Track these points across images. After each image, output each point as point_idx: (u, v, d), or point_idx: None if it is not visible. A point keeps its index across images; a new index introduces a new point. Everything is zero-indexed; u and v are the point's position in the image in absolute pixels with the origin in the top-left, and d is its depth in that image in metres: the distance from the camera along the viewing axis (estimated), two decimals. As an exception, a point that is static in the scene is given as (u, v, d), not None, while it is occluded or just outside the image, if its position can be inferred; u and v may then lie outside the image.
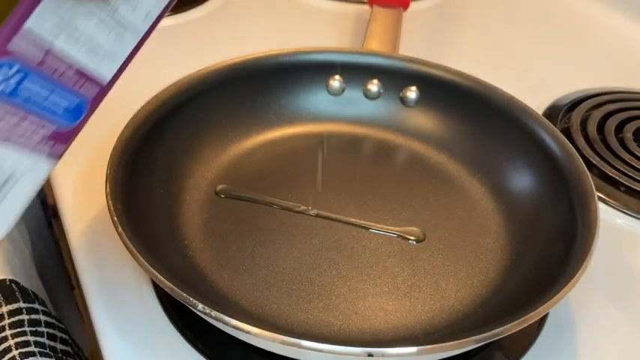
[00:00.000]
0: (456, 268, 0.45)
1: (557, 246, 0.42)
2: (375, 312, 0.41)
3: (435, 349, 0.33)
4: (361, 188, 0.50)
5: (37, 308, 0.44)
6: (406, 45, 0.48)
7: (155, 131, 0.47)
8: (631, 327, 0.43)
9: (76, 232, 0.46)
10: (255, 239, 0.46)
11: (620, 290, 0.46)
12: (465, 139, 0.53)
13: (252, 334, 0.33)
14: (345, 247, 0.46)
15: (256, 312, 0.41)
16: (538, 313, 0.35)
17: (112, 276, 0.44)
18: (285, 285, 0.43)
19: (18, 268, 0.47)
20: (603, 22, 0.79)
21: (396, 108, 0.55)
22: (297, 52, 0.54)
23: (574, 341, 0.42)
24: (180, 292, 0.35)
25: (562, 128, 0.59)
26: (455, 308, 0.42)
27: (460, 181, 0.51)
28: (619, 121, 0.60)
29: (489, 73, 0.54)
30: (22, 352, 0.41)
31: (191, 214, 0.47)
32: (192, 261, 0.44)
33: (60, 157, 0.35)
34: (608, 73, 0.70)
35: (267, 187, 0.50)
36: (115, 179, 0.42)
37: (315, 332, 0.40)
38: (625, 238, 0.50)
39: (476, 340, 0.34)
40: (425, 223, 0.48)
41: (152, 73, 0.50)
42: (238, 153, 0.52)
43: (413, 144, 0.54)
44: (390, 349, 0.33)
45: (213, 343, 0.40)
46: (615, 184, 0.54)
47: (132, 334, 0.40)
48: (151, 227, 0.42)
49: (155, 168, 0.47)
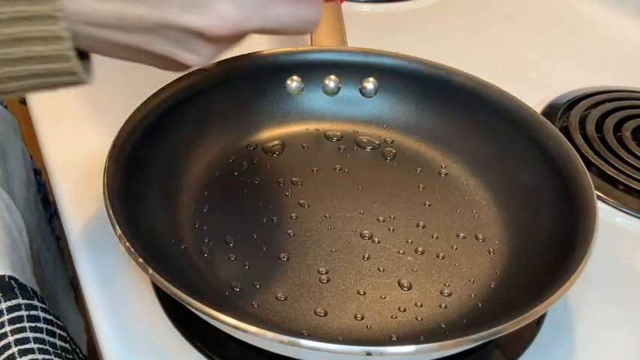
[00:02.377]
0: (454, 267, 0.45)
1: (555, 245, 0.42)
2: (374, 312, 0.41)
3: (434, 348, 0.33)
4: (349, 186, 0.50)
5: (35, 305, 0.44)
6: (406, 44, 0.48)
7: (154, 130, 0.47)
8: (629, 325, 0.43)
9: (76, 231, 0.46)
10: (256, 239, 0.46)
11: (618, 289, 0.46)
12: (463, 137, 0.53)
13: (251, 333, 0.33)
14: (343, 244, 0.46)
15: (255, 311, 0.41)
16: (536, 312, 0.35)
17: (111, 274, 0.44)
18: (285, 285, 0.43)
19: (16, 263, 0.47)
20: (602, 20, 0.79)
21: (357, 99, 0.55)
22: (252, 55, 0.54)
23: (572, 340, 0.42)
24: (179, 292, 0.35)
25: (561, 127, 0.60)
26: (453, 307, 0.42)
27: (458, 180, 0.51)
28: (618, 119, 0.60)
29: (488, 72, 0.54)
30: (22, 349, 0.41)
31: (190, 214, 0.47)
32: (191, 260, 0.44)
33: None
34: (607, 72, 0.70)
35: (265, 187, 0.50)
36: (114, 178, 0.41)
37: (314, 331, 0.40)
38: (624, 236, 0.50)
39: (474, 339, 0.34)
40: (423, 222, 0.48)
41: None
42: (237, 153, 0.52)
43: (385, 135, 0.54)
44: (389, 347, 0.33)
45: (213, 342, 0.40)
46: (614, 182, 0.54)
47: (131, 333, 0.40)
48: (149, 226, 0.42)
49: (154, 167, 0.46)
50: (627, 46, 0.74)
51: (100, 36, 0.34)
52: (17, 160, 0.62)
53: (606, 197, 0.53)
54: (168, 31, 0.34)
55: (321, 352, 0.33)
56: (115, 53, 0.36)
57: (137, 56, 0.36)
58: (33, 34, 0.31)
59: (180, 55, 0.35)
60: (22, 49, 0.32)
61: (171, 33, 0.34)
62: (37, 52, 0.32)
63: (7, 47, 0.31)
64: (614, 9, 0.79)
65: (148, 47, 0.34)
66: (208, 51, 0.35)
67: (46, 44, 0.32)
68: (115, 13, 0.33)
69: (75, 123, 0.56)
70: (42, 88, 0.35)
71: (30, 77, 0.33)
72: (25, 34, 0.31)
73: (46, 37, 0.31)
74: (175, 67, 0.37)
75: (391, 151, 0.54)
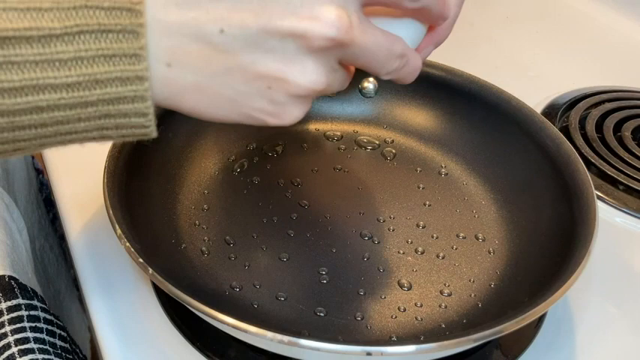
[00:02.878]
0: (454, 267, 0.45)
1: (555, 245, 0.42)
2: (374, 312, 0.41)
3: (434, 348, 0.33)
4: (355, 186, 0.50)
5: (36, 305, 0.44)
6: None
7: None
8: (629, 325, 0.43)
9: (76, 231, 0.46)
10: (256, 239, 0.46)
11: (618, 288, 0.46)
12: (463, 137, 0.53)
13: (251, 333, 0.33)
14: (343, 244, 0.46)
15: (255, 311, 0.41)
16: (536, 312, 0.35)
17: (111, 274, 0.44)
18: (285, 285, 0.43)
19: (16, 263, 0.47)
20: (603, 20, 0.79)
21: (357, 99, 0.55)
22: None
23: (572, 339, 0.42)
24: (179, 292, 0.35)
25: (561, 127, 0.60)
26: (453, 307, 0.42)
27: (458, 180, 0.51)
28: (618, 119, 0.60)
29: (488, 72, 0.54)
30: (22, 349, 0.41)
31: (190, 213, 0.47)
32: (191, 260, 0.44)
33: None
34: (607, 72, 0.70)
35: (265, 187, 0.50)
36: (114, 178, 0.41)
37: (314, 331, 0.40)
38: (623, 236, 0.50)
39: (474, 339, 0.34)
40: (423, 222, 0.48)
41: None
42: (237, 153, 0.52)
43: (401, 138, 0.54)
44: (389, 347, 0.33)
45: (212, 341, 0.40)
46: (614, 182, 0.54)
47: (131, 333, 0.40)
48: (149, 226, 0.42)
49: (154, 167, 0.46)
50: (627, 46, 0.74)
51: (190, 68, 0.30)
52: (18, 160, 0.62)
53: (606, 197, 0.53)
54: (272, 38, 0.30)
55: (321, 352, 0.33)
56: (202, 101, 0.32)
57: (231, 105, 0.32)
58: (113, 75, 0.29)
59: (288, 74, 0.31)
60: (99, 91, 0.29)
61: (274, 42, 0.30)
62: (114, 93, 0.29)
63: (84, 90, 0.29)
64: (615, 9, 0.79)
65: (252, 68, 0.31)
66: (310, 67, 0.31)
67: (125, 85, 0.29)
68: (218, 17, 0.29)
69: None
70: (107, 130, 0.31)
71: (98, 118, 0.30)
72: (106, 76, 0.29)
73: (128, 78, 0.29)
74: (277, 109, 0.32)
75: (391, 151, 0.54)
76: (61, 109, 0.29)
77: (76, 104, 0.29)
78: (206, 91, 0.31)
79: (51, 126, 0.30)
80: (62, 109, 0.29)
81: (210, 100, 0.32)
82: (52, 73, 0.28)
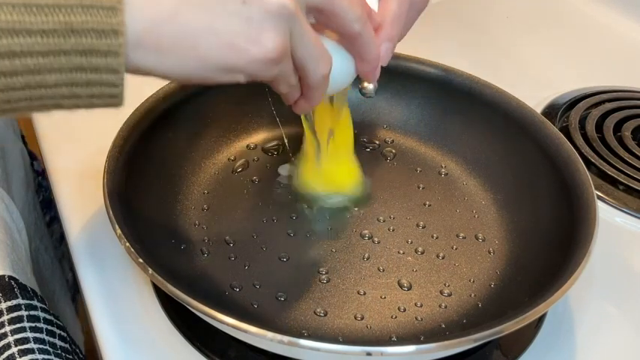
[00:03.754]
0: (454, 267, 0.45)
1: (555, 245, 0.42)
2: (374, 312, 0.41)
3: (434, 348, 0.33)
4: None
5: (35, 305, 0.44)
6: (406, 44, 0.48)
7: (153, 130, 0.47)
8: (629, 325, 0.43)
9: (76, 232, 0.46)
10: (256, 239, 0.46)
11: (618, 288, 0.46)
12: (463, 137, 0.53)
13: (251, 333, 0.33)
14: (343, 244, 0.46)
15: (255, 311, 0.41)
16: (536, 312, 0.35)
17: (111, 275, 0.44)
18: (285, 285, 0.43)
19: (16, 263, 0.47)
20: (603, 21, 0.79)
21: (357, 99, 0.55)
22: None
23: (572, 339, 0.42)
24: (179, 292, 0.35)
25: (561, 127, 0.59)
26: (453, 307, 0.42)
27: (458, 180, 0.51)
28: (618, 119, 0.60)
29: (488, 71, 0.54)
30: (22, 349, 0.41)
31: (190, 213, 0.47)
32: (191, 260, 0.44)
33: None
34: (607, 72, 0.70)
35: (265, 187, 0.50)
36: (114, 178, 0.41)
37: (314, 331, 0.40)
38: (624, 236, 0.50)
39: (474, 339, 0.34)
40: (423, 222, 0.48)
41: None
42: (237, 153, 0.52)
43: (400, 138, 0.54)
44: (389, 347, 0.33)
45: (212, 341, 0.40)
46: (614, 182, 0.54)
47: (131, 333, 0.40)
48: (149, 226, 0.42)
49: (154, 167, 0.46)
50: (627, 46, 0.74)
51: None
52: (16, 161, 0.62)
53: (606, 197, 0.53)
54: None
55: (320, 352, 0.33)
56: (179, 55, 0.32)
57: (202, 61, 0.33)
58: (89, 26, 0.29)
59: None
60: (73, 40, 0.29)
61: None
62: (88, 44, 0.30)
63: (59, 37, 0.29)
64: (615, 9, 0.79)
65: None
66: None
67: (100, 38, 0.29)
68: None
69: (74, 123, 0.56)
70: (77, 86, 0.31)
71: (70, 71, 0.30)
72: (82, 26, 0.29)
73: (103, 30, 0.29)
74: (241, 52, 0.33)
75: (391, 151, 0.54)
76: (34, 55, 0.29)
77: (50, 52, 0.29)
78: (184, 16, 0.31)
79: (22, 75, 0.29)
80: (35, 56, 0.29)
81: (188, 31, 0.32)
82: (29, 18, 0.28)
